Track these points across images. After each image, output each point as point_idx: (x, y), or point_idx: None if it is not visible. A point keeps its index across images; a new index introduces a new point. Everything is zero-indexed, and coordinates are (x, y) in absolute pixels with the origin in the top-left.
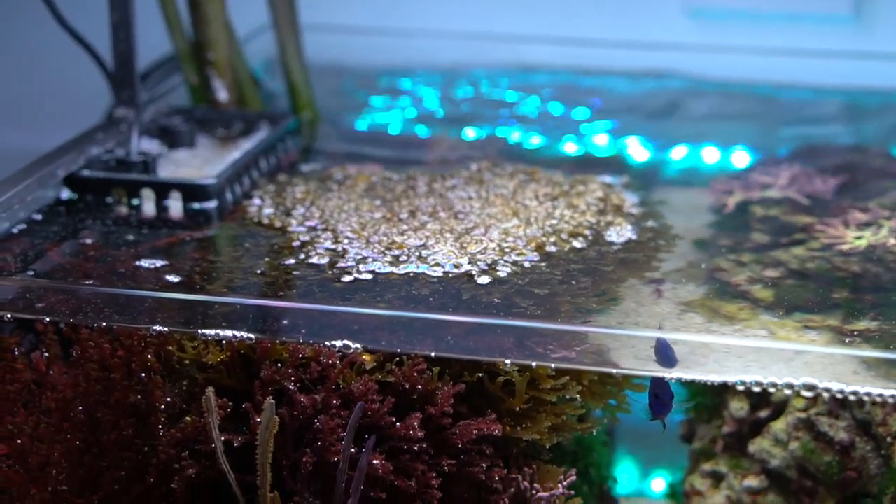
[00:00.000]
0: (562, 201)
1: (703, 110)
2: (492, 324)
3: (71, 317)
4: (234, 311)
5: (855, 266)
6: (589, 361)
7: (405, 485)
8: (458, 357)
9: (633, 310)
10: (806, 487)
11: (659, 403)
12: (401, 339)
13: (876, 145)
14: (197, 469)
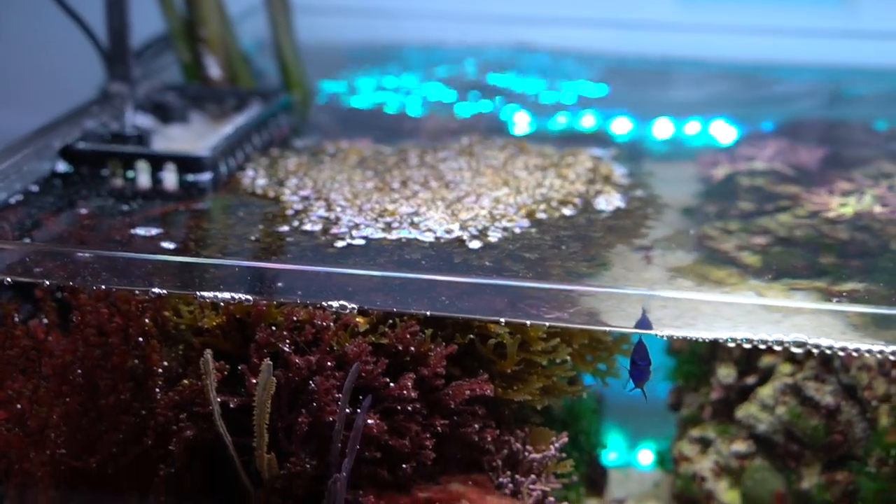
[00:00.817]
0: (551, 172)
1: (689, 88)
2: (484, 284)
3: (69, 281)
4: (232, 274)
5: (841, 233)
6: (579, 321)
7: (399, 444)
8: (451, 317)
9: (622, 276)
10: (792, 451)
11: (637, 370)
12: (395, 299)
13: (857, 121)
14: (194, 431)
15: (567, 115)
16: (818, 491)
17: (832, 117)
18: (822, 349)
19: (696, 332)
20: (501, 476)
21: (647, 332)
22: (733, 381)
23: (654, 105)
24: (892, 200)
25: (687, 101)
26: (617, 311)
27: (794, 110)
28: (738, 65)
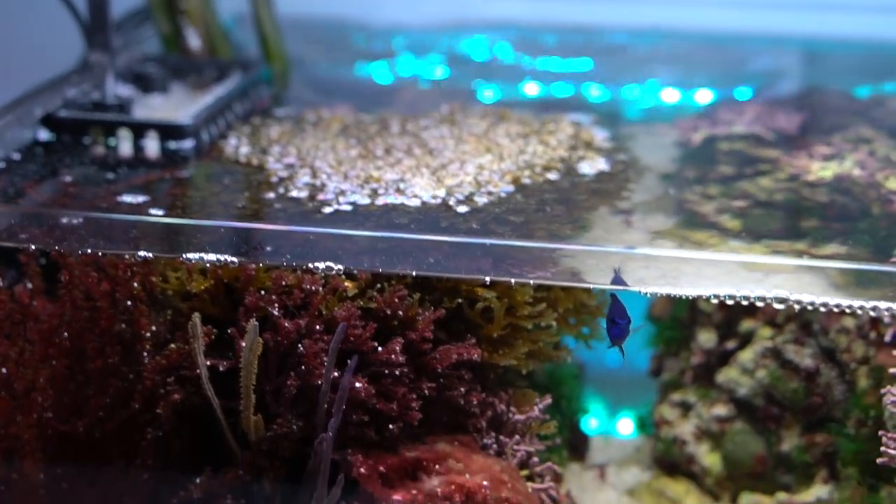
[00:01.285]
0: (533, 138)
1: (667, 57)
2: (469, 243)
3: (56, 246)
4: (219, 236)
5: (822, 196)
6: (562, 279)
7: (386, 407)
8: (438, 277)
9: (603, 238)
10: (772, 414)
11: (616, 328)
12: (383, 260)
13: (835, 88)
14: (182, 395)
15: (541, 84)
16: (798, 453)
17: (810, 85)
18: (804, 305)
19: (681, 289)
20: (486, 437)
21: (623, 289)
22: (714, 345)
23: (631, 71)
24: (872, 164)
25: (662, 69)
26: (597, 269)
27: (772, 79)
28: (715, 36)
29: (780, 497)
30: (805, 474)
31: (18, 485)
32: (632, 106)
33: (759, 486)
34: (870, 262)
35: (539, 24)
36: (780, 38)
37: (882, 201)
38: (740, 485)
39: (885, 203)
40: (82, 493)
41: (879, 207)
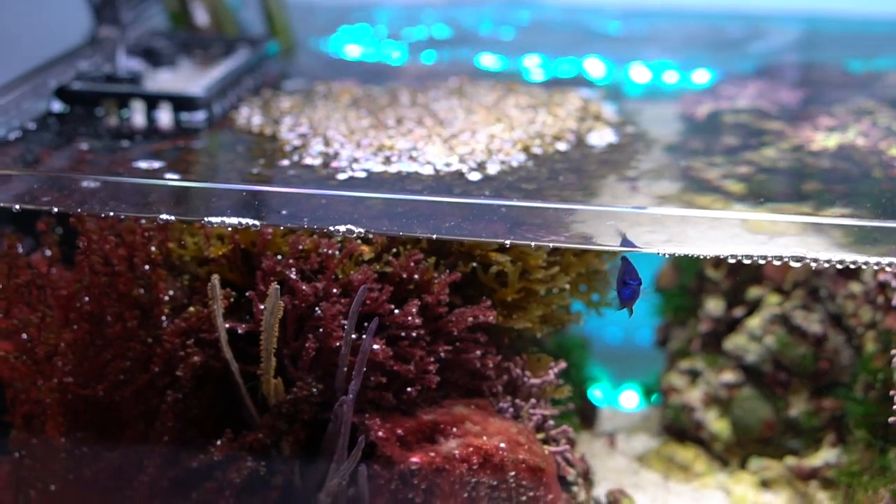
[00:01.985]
0: (542, 110)
1: (667, 36)
2: (487, 205)
3: (77, 208)
4: (241, 199)
5: (825, 163)
6: (576, 241)
7: (404, 370)
8: (455, 239)
9: (610, 203)
10: (780, 380)
11: (628, 289)
12: (401, 223)
13: (833, 64)
14: (201, 357)
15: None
16: (806, 418)
17: (808, 61)
18: (820, 263)
19: (696, 248)
20: (502, 401)
21: (633, 251)
22: (721, 313)
23: (632, 51)
24: (874, 134)
25: (663, 48)
26: (607, 232)
27: (772, 56)
28: (714, 14)
29: (788, 461)
30: (813, 438)
31: (40, 448)
32: (633, 85)
33: (768, 450)
34: (873, 219)
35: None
36: (774, 17)
37: (884, 167)
38: (749, 450)
39: (887, 168)
40: (103, 456)
41: (882, 173)
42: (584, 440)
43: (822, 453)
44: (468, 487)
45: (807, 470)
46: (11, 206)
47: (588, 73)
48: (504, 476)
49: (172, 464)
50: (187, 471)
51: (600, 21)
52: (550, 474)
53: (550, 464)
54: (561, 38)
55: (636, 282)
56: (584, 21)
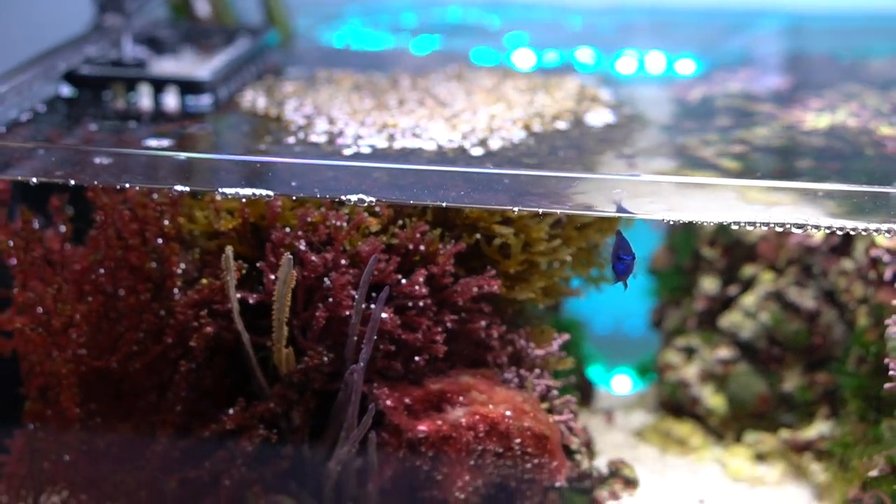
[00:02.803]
0: (541, 92)
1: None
2: (491, 174)
3: (92, 181)
4: (253, 170)
5: (817, 141)
6: (578, 209)
7: (412, 338)
8: (461, 207)
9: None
10: (775, 355)
11: (622, 264)
12: (410, 193)
13: (819, 54)
14: (214, 328)
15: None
16: (800, 392)
17: (794, 51)
18: (823, 229)
19: (697, 215)
20: (507, 372)
21: (631, 216)
22: (717, 291)
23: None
24: (864, 114)
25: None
26: (608, 201)
27: (757, 47)
28: (699, 11)
29: (782, 434)
30: (807, 412)
31: (55, 419)
32: (623, 75)
33: (763, 424)
34: (866, 186)
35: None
36: (755, 13)
37: (875, 145)
38: (744, 424)
39: (877, 146)
40: (116, 426)
41: (873, 150)
42: (583, 417)
43: (815, 426)
44: (475, 455)
45: (801, 442)
46: (29, 178)
47: (579, 62)
48: (510, 443)
49: (185, 434)
50: (200, 440)
51: (586, 16)
52: (555, 442)
53: (555, 432)
54: (549, 32)
55: (630, 256)
56: (568, 17)
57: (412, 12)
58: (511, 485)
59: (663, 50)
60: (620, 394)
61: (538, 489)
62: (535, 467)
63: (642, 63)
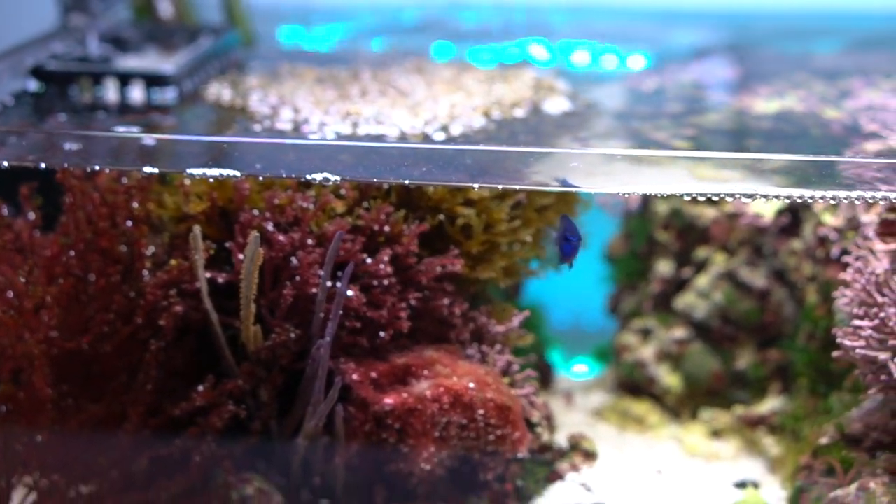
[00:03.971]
0: (499, 82)
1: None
2: (454, 150)
3: (64, 163)
4: (220, 151)
5: (766, 124)
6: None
7: (377, 315)
8: (429, 184)
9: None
10: (728, 334)
11: (569, 245)
12: (373, 171)
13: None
14: (183, 308)
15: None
16: (753, 369)
17: (743, 47)
18: (771, 198)
19: (650, 188)
20: (469, 348)
21: (589, 190)
22: (671, 274)
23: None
24: (810, 100)
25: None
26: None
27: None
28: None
29: (737, 411)
30: (760, 388)
31: (28, 401)
32: (577, 68)
33: (717, 402)
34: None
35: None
36: (700, 14)
37: (822, 126)
38: (699, 402)
39: (824, 128)
40: (87, 407)
41: (820, 131)
42: (542, 398)
43: (768, 401)
44: (440, 427)
45: (754, 417)
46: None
47: (533, 57)
48: (473, 415)
49: (156, 411)
50: (170, 419)
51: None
52: (517, 413)
53: (517, 403)
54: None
55: (576, 237)
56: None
57: (371, 15)
58: (475, 457)
59: (615, 46)
60: (579, 377)
61: (501, 460)
62: (498, 438)
63: (596, 58)
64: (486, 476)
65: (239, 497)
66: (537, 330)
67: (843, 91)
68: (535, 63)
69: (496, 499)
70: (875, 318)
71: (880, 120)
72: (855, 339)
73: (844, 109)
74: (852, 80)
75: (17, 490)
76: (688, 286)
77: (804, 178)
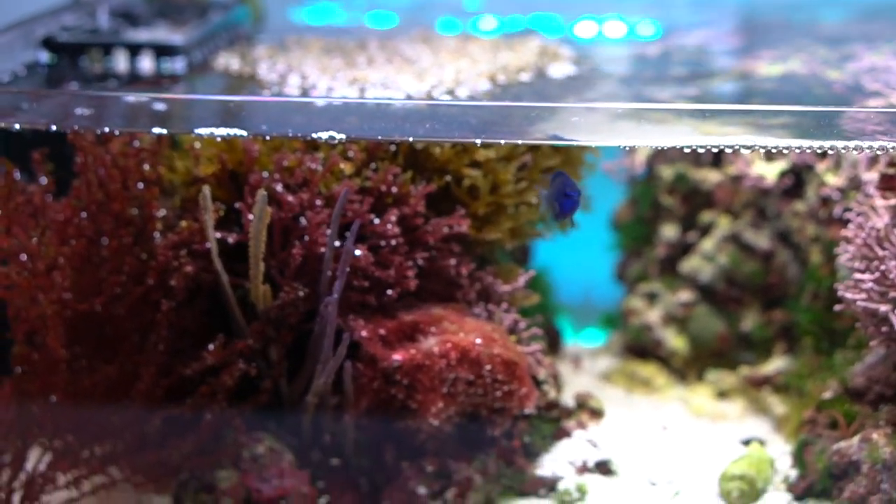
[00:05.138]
0: (504, 50)
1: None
2: (459, 106)
3: (74, 125)
4: (227, 110)
5: (770, 85)
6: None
7: (384, 275)
8: (436, 140)
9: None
10: (733, 296)
11: (570, 201)
12: (380, 128)
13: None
14: (194, 268)
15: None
16: (758, 330)
17: (748, 17)
18: (769, 149)
19: (655, 140)
20: (476, 307)
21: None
22: (676, 238)
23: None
24: (813, 63)
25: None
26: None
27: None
28: None
29: (742, 371)
30: (765, 349)
31: (42, 362)
32: (584, 39)
33: (723, 363)
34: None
35: None
36: None
37: (825, 86)
38: (705, 363)
39: (827, 88)
40: (101, 368)
41: (822, 90)
42: (549, 360)
43: (773, 362)
44: (448, 383)
45: (760, 378)
46: (11, 125)
47: (538, 28)
48: (481, 370)
49: (168, 373)
50: (182, 379)
51: None
52: (524, 369)
53: (523, 359)
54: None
55: (576, 192)
56: None
57: None
58: (483, 413)
59: (621, 14)
60: (587, 344)
61: (508, 417)
62: (505, 394)
63: (602, 27)
64: (493, 432)
65: (250, 456)
66: (545, 296)
67: (846, 55)
68: (541, 32)
69: (504, 455)
70: (876, 271)
71: (883, 80)
72: (856, 293)
73: (847, 72)
74: (855, 46)
75: (32, 451)
76: (693, 250)
77: (806, 132)
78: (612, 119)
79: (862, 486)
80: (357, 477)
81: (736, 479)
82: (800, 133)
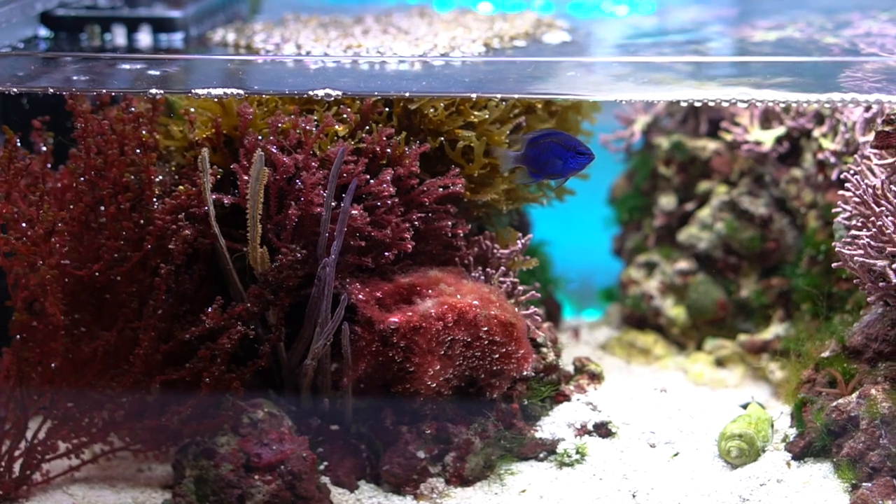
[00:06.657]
0: (500, 21)
1: None
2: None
3: (71, 88)
4: (225, 69)
5: (766, 49)
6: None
7: (381, 235)
8: (433, 94)
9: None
10: (731, 264)
11: (584, 158)
12: (378, 84)
13: None
14: (192, 231)
15: None
16: (756, 296)
17: None
18: (766, 102)
19: (653, 94)
20: (473, 271)
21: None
22: (674, 207)
23: None
24: (809, 30)
25: None
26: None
27: None
28: None
29: (741, 338)
30: (763, 316)
31: (41, 329)
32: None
33: (722, 332)
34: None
35: None
36: None
37: (822, 51)
38: (704, 332)
39: (824, 52)
40: (100, 334)
41: (818, 55)
42: None
43: (772, 328)
44: (445, 345)
45: (758, 344)
46: (8, 89)
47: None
48: (478, 332)
49: (167, 339)
50: (181, 343)
51: None
52: (521, 330)
53: (521, 321)
54: None
55: (588, 151)
56: None
57: None
58: (481, 376)
59: None
60: (586, 316)
61: (507, 379)
62: (503, 356)
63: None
64: (492, 395)
65: (249, 421)
66: (544, 270)
67: (842, 22)
68: (538, 9)
69: (503, 418)
70: (872, 227)
71: (879, 44)
72: (853, 249)
73: (843, 37)
74: (851, 14)
75: (33, 419)
76: (691, 219)
77: (804, 88)
78: (614, 81)
79: (861, 442)
80: (356, 441)
81: (735, 437)
82: (796, 85)
